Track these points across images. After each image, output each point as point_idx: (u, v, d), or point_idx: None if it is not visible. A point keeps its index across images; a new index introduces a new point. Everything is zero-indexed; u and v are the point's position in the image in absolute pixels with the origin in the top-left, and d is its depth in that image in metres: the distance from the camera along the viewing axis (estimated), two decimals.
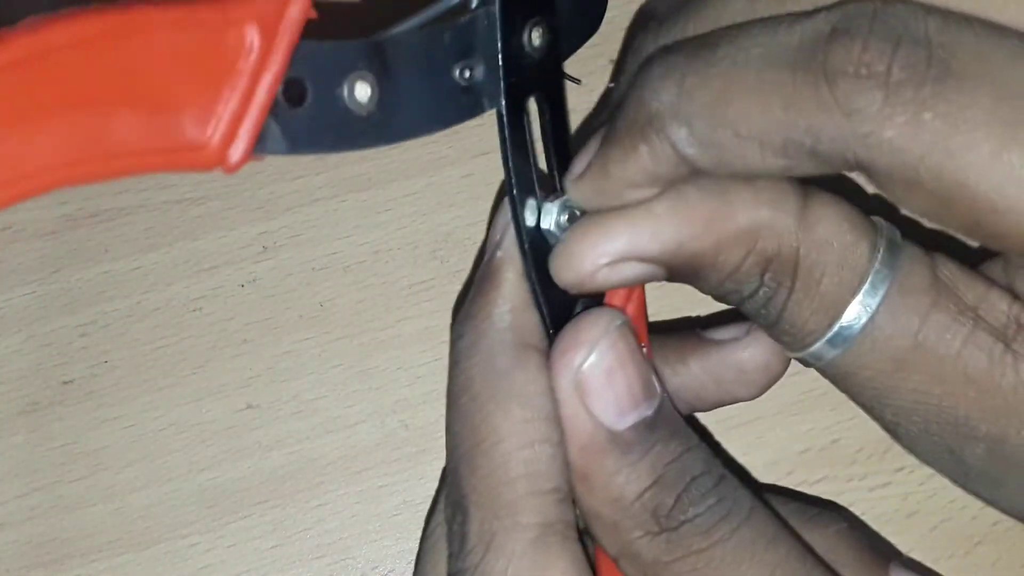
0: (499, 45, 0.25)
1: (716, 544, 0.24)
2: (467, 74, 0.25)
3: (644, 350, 0.26)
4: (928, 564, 0.33)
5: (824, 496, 0.33)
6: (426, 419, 0.34)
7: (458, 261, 0.34)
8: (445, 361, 0.34)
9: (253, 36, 0.20)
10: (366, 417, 0.34)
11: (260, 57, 0.20)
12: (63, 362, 0.34)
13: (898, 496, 0.33)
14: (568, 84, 0.30)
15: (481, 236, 0.34)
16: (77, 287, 0.34)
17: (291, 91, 0.22)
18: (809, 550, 0.26)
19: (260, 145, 0.21)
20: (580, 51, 0.35)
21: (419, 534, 0.33)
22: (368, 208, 0.34)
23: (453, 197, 0.34)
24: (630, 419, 0.25)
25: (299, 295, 0.34)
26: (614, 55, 0.35)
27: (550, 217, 0.26)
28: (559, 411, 0.25)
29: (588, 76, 0.35)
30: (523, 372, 0.25)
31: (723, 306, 0.34)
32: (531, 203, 0.26)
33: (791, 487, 0.34)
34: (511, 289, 0.26)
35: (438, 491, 0.33)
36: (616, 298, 0.27)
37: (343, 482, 0.34)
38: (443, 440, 0.34)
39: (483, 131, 0.34)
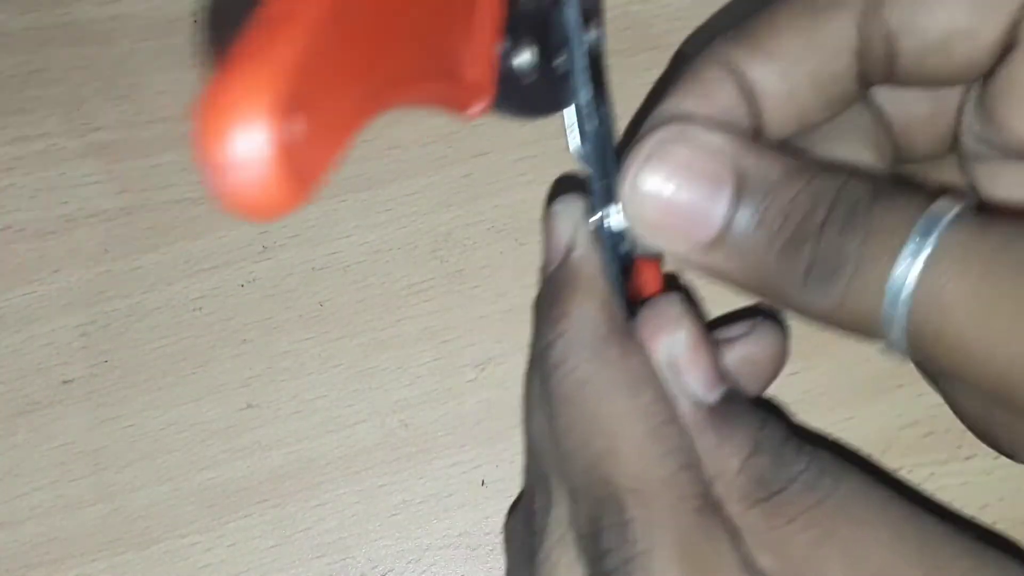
0: (575, 40, 0.26)
1: (825, 499, 0.24)
2: (558, 61, 0.26)
3: None
4: None
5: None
6: (426, 419, 0.34)
7: (458, 261, 0.34)
8: (445, 361, 0.34)
9: None
10: (366, 417, 0.34)
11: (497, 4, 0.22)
12: (63, 362, 0.34)
13: None
14: None
15: (480, 236, 0.34)
16: (77, 287, 0.34)
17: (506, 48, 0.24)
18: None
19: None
20: None
21: (419, 533, 0.33)
22: (368, 208, 0.34)
23: (453, 197, 0.34)
24: (718, 391, 0.26)
25: (299, 295, 0.34)
26: (614, 53, 0.35)
27: (615, 216, 0.27)
28: None
29: None
30: (635, 357, 0.26)
31: (728, 306, 0.34)
32: (610, 205, 0.27)
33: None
34: (597, 285, 0.27)
35: (512, 517, 0.32)
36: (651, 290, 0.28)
37: (343, 482, 0.34)
38: (442, 440, 0.34)
39: (482, 131, 0.35)
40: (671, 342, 0.26)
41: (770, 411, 0.27)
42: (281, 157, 0.15)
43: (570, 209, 0.28)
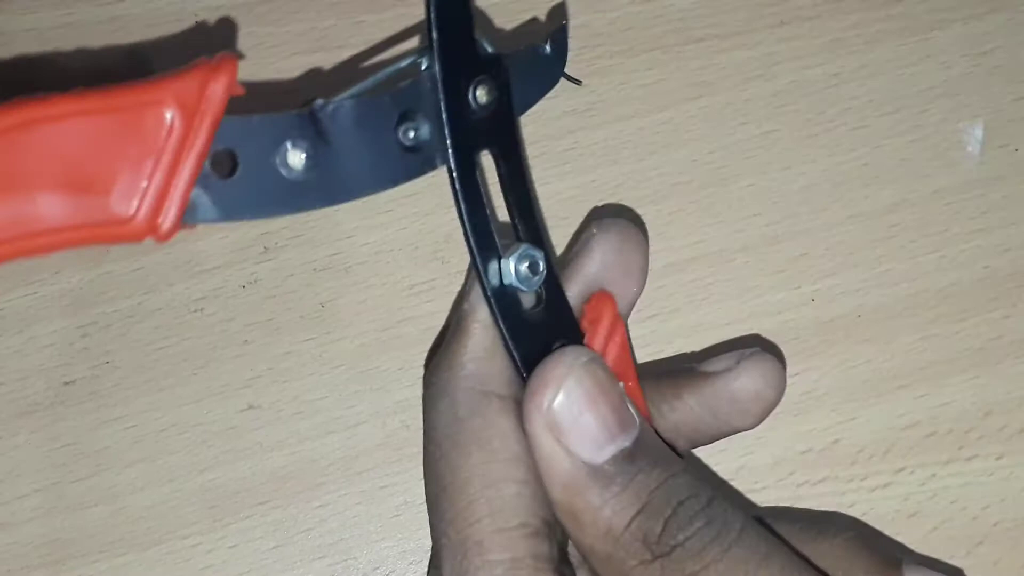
0: (442, 104, 0.25)
1: (709, 566, 0.24)
2: (411, 134, 0.25)
3: (622, 384, 0.26)
4: None
5: (825, 496, 0.33)
6: None
7: (459, 262, 0.34)
8: None
9: (173, 116, 0.22)
10: (367, 418, 0.34)
11: (182, 135, 0.22)
12: (64, 363, 0.34)
13: (899, 497, 0.33)
14: (573, 88, 0.31)
15: None
16: (78, 288, 0.34)
17: (220, 163, 0.23)
18: (808, 562, 0.26)
19: (190, 215, 0.22)
20: (582, 50, 0.35)
21: (420, 534, 0.33)
22: (369, 209, 0.34)
23: None
24: (608, 452, 0.25)
25: (300, 296, 0.34)
26: (614, 54, 0.35)
27: (511, 269, 0.26)
28: (535, 452, 0.25)
29: (588, 77, 0.35)
30: (481, 418, 0.26)
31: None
32: (492, 260, 0.26)
33: (792, 488, 0.34)
34: (475, 340, 0.27)
35: None
36: (597, 338, 0.27)
37: (344, 483, 0.34)
38: None
39: None
40: (550, 403, 0.25)
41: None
42: None
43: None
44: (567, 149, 0.35)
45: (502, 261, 0.26)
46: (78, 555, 0.33)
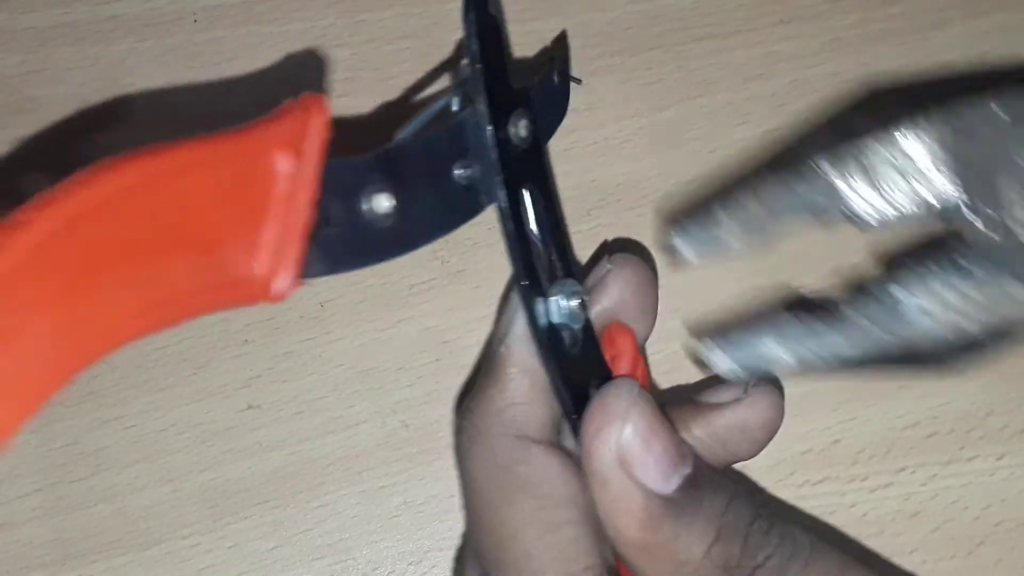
0: (491, 142, 0.25)
1: None
2: (466, 173, 0.25)
3: None
4: (930, 564, 0.33)
5: (826, 497, 0.33)
6: (427, 419, 0.34)
7: (458, 262, 0.34)
8: (445, 361, 0.34)
9: (285, 162, 0.20)
10: (367, 418, 0.34)
11: (294, 181, 0.20)
12: None
13: (900, 496, 0.33)
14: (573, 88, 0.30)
15: (481, 237, 0.34)
16: None
17: (321, 212, 0.21)
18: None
19: (304, 270, 0.20)
20: (582, 50, 0.35)
21: (419, 535, 0.33)
22: None
23: None
24: (675, 481, 0.25)
25: (300, 295, 0.34)
26: (614, 54, 0.35)
27: (558, 307, 0.26)
28: (605, 490, 0.25)
29: (588, 76, 0.35)
30: (526, 465, 0.26)
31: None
32: (539, 299, 0.26)
33: (793, 488, 0.34)
34: (512, 385, 0.26)
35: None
36: (622, 372, 0.27)
37: (344, 483, 0.33)
38: (443, 440, 0.34)
39: None
40: (618, 437, 0.25)
41: (737, 483, 0.26)
42: None
43: (517, 298, 0.27)
44: (567, 149, 0.35)
45: (549, 300, 0.26)
46: (78, 555, 0.33)
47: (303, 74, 0.35)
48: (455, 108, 0.26)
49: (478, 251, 0.34)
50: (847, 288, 0.29)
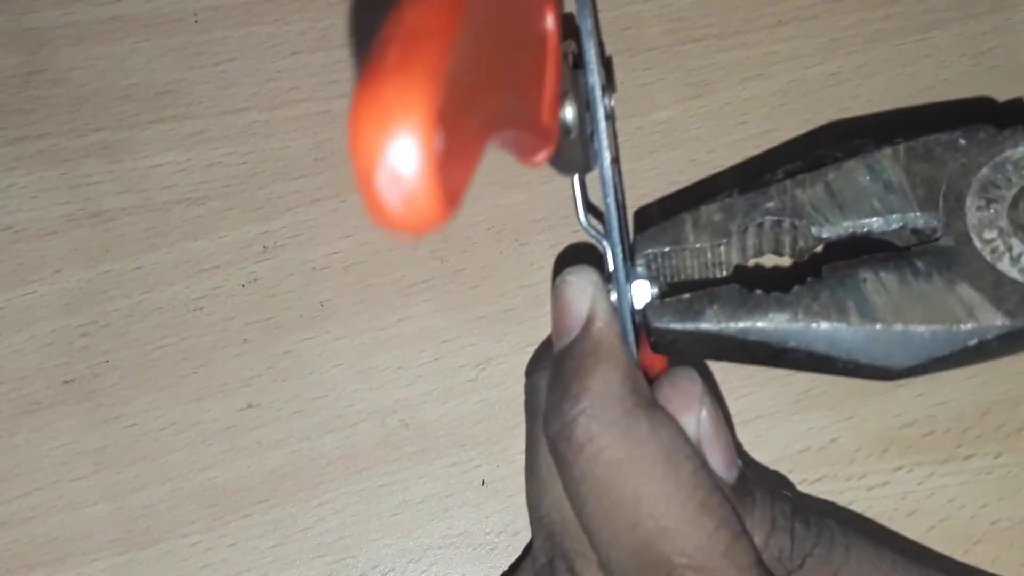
0: (600, 106, 0.26)
1: (839, 569, 0.25)
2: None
3: None
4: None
5: (823, 495, 0.34)
6: (426, 419, 0.34)
7: (458, 261, 0.34)
8: (445, 361, 0.34)
9: (550, 19, 0.22)
10: (366, 416, 0.34)
11: (555, 38, 0.22)
12: (64, 362, 0.34)
13: (897, 495, 0.33)
14: None
15: (481, 236, 0.34)
16: (78, 287, 0.34)
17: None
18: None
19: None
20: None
21: (419, 533, 0.33)
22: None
23: None
24: (734, 471, 0.25)
25: (299, 295, 0.34)
26: (613, 53, 0.35)
27: (643, 292, 0.27)
28: None
29: None
30: (664, 429, 0.25)
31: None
32: (633, 281, 0.27)
33: (791, 486, 0.34)
34: (620, 359, 0.26)
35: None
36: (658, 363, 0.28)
37: (343, 481, 0.34)
38: (442, 440, 0.34)
39: None
40: (695, 420, 0.25)
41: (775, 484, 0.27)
42: (433, 169, 0.15)
43: (585, 280, 0.27)
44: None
45: (634, 283, 0.27)
46: (78, 554, 0.33)
47: None
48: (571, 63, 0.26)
49: (478, 251, 0.34)
50: (800, 270, 0.29)
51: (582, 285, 0.26)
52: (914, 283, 0.26)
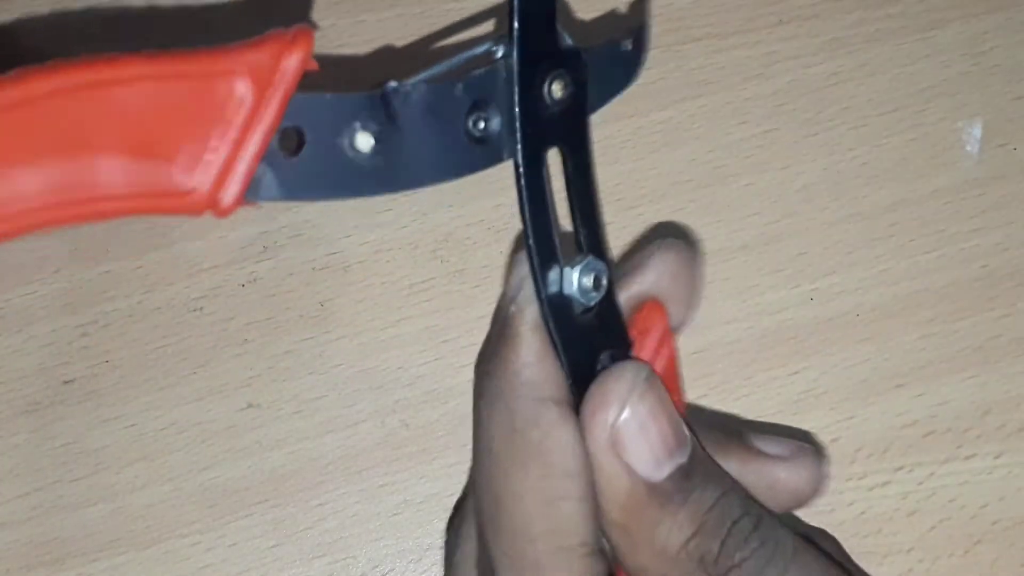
0: (516, 97, 0.25)
1: None
2: (481, 125, 0.25)
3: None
4: (928, 563, 0.33)
5: (823, 495, 0.33)
6: (427, 419, 0.34)
7: (458, 261, 0.34)
8: (446, 360, 0.34)
9: (244, 88, 0.21)
10: (367, 416, 0.34)
11: (252, 108, 0.21)
12: (64, 362, 0.34)
13: (897, 495, 0.33)
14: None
15: (481, 236, 0.34)
16: (78, 287, 0.34)
17: (287, 140, 0.22)
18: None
19: (252, 191, 0.21)
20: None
21: (419, 533, 0.33)
22: (368, 208, 0.34)
23: (453, 197, 0.34)
24: (667, 468, 0.25)
25: (300, 295, 0.34)
26: None
27: (572, 281, 0.25)
28: (596, 469, 0.25)
29: None
30: (539, 430, 0.25)
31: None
32: (552, 266, 0.25)
33: None
34: (526, 345, 0.26)
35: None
36: (645, 350, 0.27)
37: (344, 481, 0.34)
38: (443, 440, 0.34)
39: None
40: (614, 420, 0.25)
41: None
42: None
43: (522, 263, 0.26)
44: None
45: (564, 270, 0.25)
46: (77, 554, 0.33)
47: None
48: (499, 55, 0.25)
49: (478, 250, 0.34)
50: None
51: (519, 267, 0.26)
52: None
